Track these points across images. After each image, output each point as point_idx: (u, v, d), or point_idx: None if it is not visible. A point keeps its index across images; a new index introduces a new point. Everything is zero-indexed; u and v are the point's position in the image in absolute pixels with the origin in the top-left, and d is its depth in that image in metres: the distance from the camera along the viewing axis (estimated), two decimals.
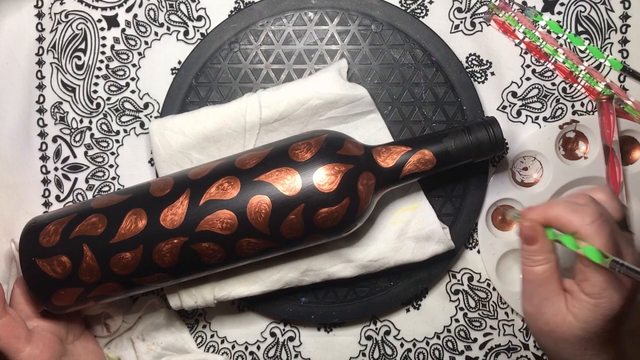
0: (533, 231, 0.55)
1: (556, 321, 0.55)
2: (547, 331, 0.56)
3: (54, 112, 0.75)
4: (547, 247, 0.55)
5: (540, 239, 0.55)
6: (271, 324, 0.77)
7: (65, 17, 0.75)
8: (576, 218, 0.52)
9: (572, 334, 0.54)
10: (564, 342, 0.55)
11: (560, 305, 0.55)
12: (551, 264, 0.55)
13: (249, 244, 0.63)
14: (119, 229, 0.62)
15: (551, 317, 0.55)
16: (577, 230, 0.52)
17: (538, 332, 0.57)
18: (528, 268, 0.56)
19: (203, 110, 0.71)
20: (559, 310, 0.55)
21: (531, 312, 0.57)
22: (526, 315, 0.58)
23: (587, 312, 0.53)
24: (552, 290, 0.55)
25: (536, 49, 0.74)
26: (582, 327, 0.53)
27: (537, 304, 0.56)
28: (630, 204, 0.73)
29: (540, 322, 0.56)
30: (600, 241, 0.51)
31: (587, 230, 0.52)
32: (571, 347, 0.55)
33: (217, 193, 0.62)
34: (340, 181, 0.62)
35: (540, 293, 0.56)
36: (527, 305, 0.57)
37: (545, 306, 0.55)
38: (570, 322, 0.54)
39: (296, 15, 0.74)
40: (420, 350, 0.76)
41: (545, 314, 0.55)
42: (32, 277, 0.63)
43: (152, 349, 0.75)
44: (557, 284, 0.55)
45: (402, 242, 0.71)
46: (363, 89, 0.70)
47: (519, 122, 0.74)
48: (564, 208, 0.53)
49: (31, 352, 0.64)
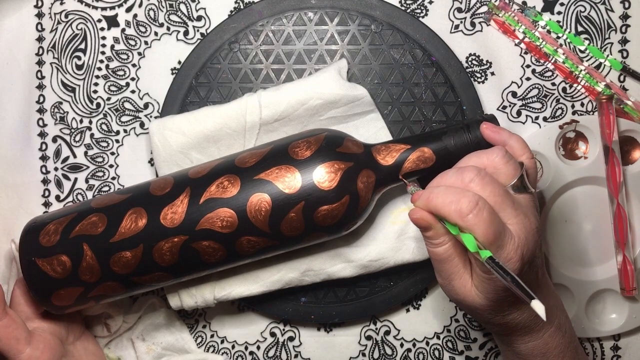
0: (423, 221, 0.56)
1: (464, 292, 0.57)
2: (459, 299, 0.58)
3: (54, 112, 0.76)
4: (442, 230, 0.56)
5: (432, 226, 0.56)
6: (271, 324, 0.77)
7: (65, 17, 0.75)
8: (453, 209, 0.53)
9: (478, 302, 0.57)
10: (475, 309, 0.58)
11: (466, 277, 0.57)
12: (450, 243, 0.57)
13: (249, 243, 0.63)
14: (119, 228, 0.62)
15: (459, 289, 0.58)
16: (456, 222, 0.53)
17: (453, 300, 0.60)
18: (430, 249, 0.58)
19: (203, 110, 0.71)
20: (465, 282, 0.57)
21: (443, 284, 0.59)
22: (440, 286, 0.60)
23: (485, 285, 0.56)
24: (456, 265, 0.57)
25: (536, 49, 0.74)
26: (484, 297, 0.56)
27: (446, 277, 0.58)
28: (630, 204, 0.73)
29: (451, 292, 0.59)
30: (478, 232, 0.53)
31: (464, 222, 0.53)
32: (483, 313, 0.58)
33: (217, 191, 0.62)
34: (340, 179, 0.62)
35: (446, 269, 0.58)
36: (438, 278, 0.60)
37: (453, 279, 0.58)
38: (475, 292, 0.57)
39: (296, 15, 0.74)
40: (420, 350, 0.76)
41: (454, 286, 0.58)
42: (32, 277, 0.63)
43: (152, 349, 0.75)
44: (459, 258, 0.58)
45: (402, 242, 0.71)
46: (363, 89, 0.70)
47: (519, 122, 0.74)
48: (442, 198, 0.55)
49: (31, 353, 0.64)
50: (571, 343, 0.62)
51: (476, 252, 0.52)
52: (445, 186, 0.56)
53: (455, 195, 0.54)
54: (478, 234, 0.52)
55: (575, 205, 0.74)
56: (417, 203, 0.57)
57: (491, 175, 0.56)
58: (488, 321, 0.59)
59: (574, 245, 0.75)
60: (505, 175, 0.57)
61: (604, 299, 0.75)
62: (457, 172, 0.57)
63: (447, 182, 0.57)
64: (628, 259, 0.73)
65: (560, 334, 0.61)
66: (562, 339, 0.61)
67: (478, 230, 0.52)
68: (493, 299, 0.56)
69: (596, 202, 0.74)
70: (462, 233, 0.53)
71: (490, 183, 0.55)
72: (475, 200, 0.53)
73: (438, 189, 0.56)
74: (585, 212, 0.74)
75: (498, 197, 0.55)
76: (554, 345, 0.60)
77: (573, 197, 0.74)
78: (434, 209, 0.55)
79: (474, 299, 0.57)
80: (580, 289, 0.74)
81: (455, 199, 0.53)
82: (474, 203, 0.53)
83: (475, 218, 0.52)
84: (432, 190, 0.56)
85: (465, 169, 0.56)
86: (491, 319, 0.59)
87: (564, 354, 0.61)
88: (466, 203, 0.53)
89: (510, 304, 0.57)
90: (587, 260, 0.75)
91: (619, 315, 0.75)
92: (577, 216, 0.74)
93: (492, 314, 0.58)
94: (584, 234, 0.75)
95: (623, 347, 0.76)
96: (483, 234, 0.52)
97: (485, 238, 0.52)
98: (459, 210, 0.53)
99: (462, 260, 0.58)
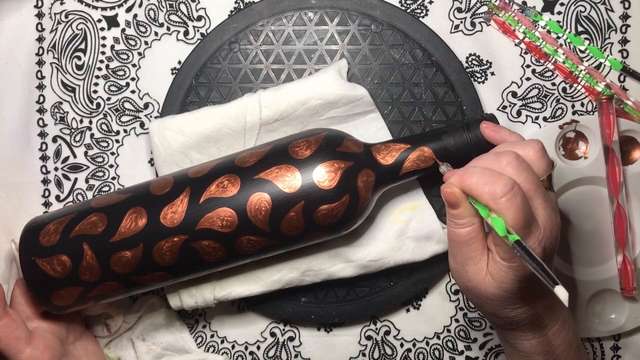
0: (454, 197, 0.56)
1: (477, 279, 0.57)
2: (470, 287, 0.58)
3: (54, 112, 0.76)
4: (469, 211, 0.56)
5: (462, 204, 0.56)
6: (271, 324, 0.77)
7: (65, 17, 0.75)
8: (487, 191, 0.53)
9: (490, 292, 0.56)
10: (485, 298, 0.57)
11: (482, 264, 0.57)
12: (475, 226, 0.56)
13: (249, 242, 0.63)
14: (119, 228, 0.62)
15: (473, 275, 0.57)
16: (487, 204, 0.53)
17: (463, 287, 0.59)
18: (452, 230, 0.57)
19: (203, 110, 0.71)
20: (480, 269, 0.57)
21: (456, 269, 0.59)
22: (452, 271, 0.59)
23: (502, 274, 0.55)
24: (475, 250, 0.57)
25: (536, 49, 0.74)
26: (498, 286, 0.56)
27: (461, 262, 0.57)
28: (630, 204, 0.73)
29: (463, 278, 0.58)
30: (509, 216, 0.52)
31: (497, 205, 0.52)
32: (491, 302, 0.57)
33: (217, 191, 0.62)
34: (340, 178, 0.62)
35: (464, 252, 0.57)
36: (452, 262, 0.59)
37: (468, 264, 0.57)
38: (489, 281, 0.56)
39: (296, 15, 0.74)
40: (420, 350, 0.76)
41: (467, 272, 0.57)
42: (32, 277, 0.63)
43: (152, 349, 0.75)
44: (480, 243, 0.57)
45: (402, 241, 0.71)
46: (363, 89, 0.70)
47: (519, 122, 0.74)
48: (477, 178, 0.54)
49: (31, 353, 0.64)
50: (574, 342, 0.62)
51: (505, 237, 0.52)
52: (481, 167, 0.55)
53: (491, 177, 0.53)
54: (509, 218, 0.52)
55: (575, 205, 0.74)
56: (451, 180, 0.56)
57: (527, 162, 0.56)
58: (494, 313, 0.59)
59: (574, 245, 0.75)
60: (538, 169, 0.57)
61: (604, 299, 0.75)
62: (494, 155, 0.56)
63: (484, 164, 0.56)
64: (628, 259, 0.73)
65: (564, 332, 0.61)
66: (566, 337, 0.61)
67: (509, 214, 0.52)
68: (507, 289, 0.56)
69: (596, 202, 0.74)
70: (492, 216, 0.53)
71: (526, 170, 0.55)
72: (511, 184, 0.53)
73: (474, 168, 0.55)
74: (585, 212, 0.74)
75: (532, 184, 0.55)
76: (557, 343, 0.60)
77: (573, 197, 0.74)
78: (467, 187, 0.55)
79: (487, 287, 0.56)
80: (580, 289, 0.74)
81: (491, 181, 0.53)
82: (509, 187, 0.52)
83: (508, 202, 0.52)
84: (468, 169, 0.55)
85: (503, 153, 0.56)
86: (498, 310, 0.58)
87: (567, 352, 0.61)
88: (501, 186, 0.52)
89: (522, 297, 0.57)
90: (587, 260, 0.75)
91: (619, 315, 0.75)
92: (577, 216, 0.74)
93: (501, 306, 0.57)
94: (584, 234, 0.75)
95: (623, 347, 0.76)
96: (514, 219, 0.52)
97: (515, 223, 0.52)
98: (493, 192, 0.52)
99: (481, 245, 0.57)
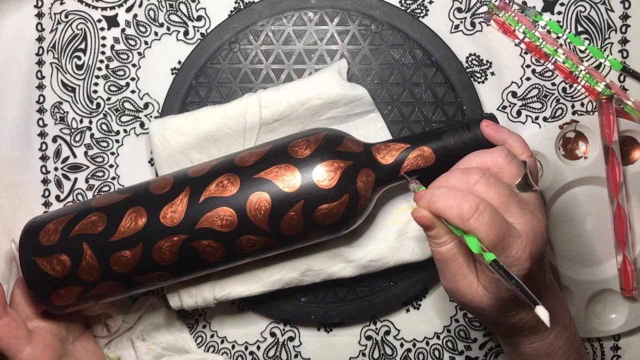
0: (426, 220, 0.56)
1: (470, 293, 0.57)
2: (466, 302, 0.58)
3: (54, 112, 0.76)
4: (445, 229, 0.56)
5: (436, 225, 0.56)
6: (271, 324, 0.77)
7: (65, 17, 0.75)
8: (454, 214, 0.53)
9: (486, 303, 0.56)
10: (482, 309, 0.57)
11: (471, 278, 0.57)
12: (454, 242, 0.57)
13: (248, 242, 0.63)
14: (119, 227, 0.62)
15: (465, 290, 0.57)
16: (457, 225, 0.53)
17: (459, 303, 0.59)
18: (434, 249, 0.57)
19: (203, 110, 0.71)
20: (471, 282, 0.57)
21: (448, 287, 0.58)
22: (446, 290, 0.59)
23: (494, 285, 0.55)
24: (461, 265, 0.57)
25: (536, 49, 0.74)
26: (492, 297, 0.56)
27: (451, 279, 0.57)
28: (631, 204, 0.73)
29: (457, 294, 0.58)
30: (481, 234, 0.52)
31: (466, 226, 0.53)
32: (490, 313, 0.57)
33: (217, 190, 0.62)
34: (340, 178, 0.62)
35: (451, 269, 0.57)
36: (443, 281, 0.59)
37: (458, 281, 0.57)
38: (483, 292, 0.56)
39: (296, 15, 0.74)
40: (420, 350, 0.76)
41: (459, 288, 0.57)
42: (32, 276, 0.63)
43: (152, 349, 0.75)
44: (464, 258, 0.57)
45: (402, 242, 0.71)
46: (363, 89, 0.70)
47: (519, 122, 0.74)
48: (443, 201, 0.54)
49: (31, 352, 0.64)
50: (575, 343, 0.62)
51: (480, 255, 0.52)
52: (447, 188, 0.55)
53: (456, 199, 0.54)
54: (481, 237, 0.52)
55: (575, 206, 0.74)
56: (419, 203, 0.56)
57: (496, 175, 0.56)
58: (495, 322, 0.59)
59: (574, 245, 0.75)
60: (510, 174, 0.57)
61: (604, 299, 0.75)
62: (461, 174, 0.56)
63: (452, 183, 0.56)
64: (628, 259, 0.73)
65: (565, 333, 0.61)
66: (567, 339, 0.61)
67: (480, 233, 0.52)
68: (502, 299, 0.56)
69: (596, 202, 0.74)
70: (466, 236, 0.53)
71: (495, 184, 0.55)
72: (476, 203, 0.53)
73: (440, 190, 0.55)
74: (585, 212, 0.74)
75: (504, 197, 0.55)
76: (559, 345, 0.60)
77: (573, 197, 0.74)
78: (435, 211, 0.55)
79: (481, 299, 0.56)
80: (580, 289, 0.74)
81: (457, 203, 0.53)
82: (474, 207, 0.52)
83: (476, 222, 0.52)
84: (434, 192, 0.56)
85: (470, 171, 0.56)
86: (498, 319, 0.58)
87: (569, 353, 0.61)
88: (467, 208, 0.53)
89: (518, 303, 0.57)
90: (587, 260, 0.75)
91: (619, 315, 0.75)
92: (577, 216, 0.74)
93: (499, 314, 0.57)
94: (584, 234, 0.75)
95: (623, 347, 0.76)
96: (486, 237, 0.52)
97: (488, 241, 0.52)
98: (460, 214, 0.53)
99: (466, 260, 0.57)
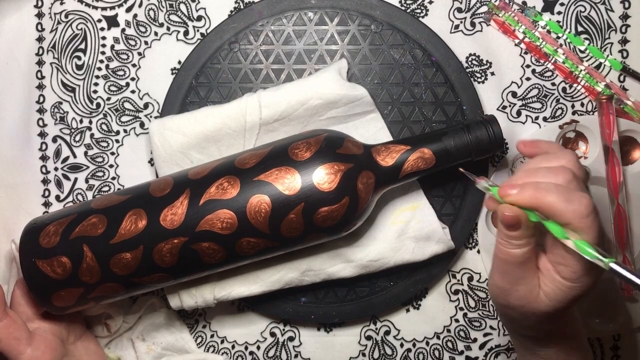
0: (516, 219, 0.53)
1: (528, 297, 0.55)
2: (516, 305, 0.56)
3: (54, 112, 0.76)
4: (528, 232, 0.54)
5: (523, 224, 0.53)
6: (271, 324, 0.77)
7: (65, 17, 0.75)
8: (572, 209, 0.51)
9: (541, 310, 0.55)
10: (532, 314, 0.56)
11: (534, 283, 0.55)
12: (531, 246, 0.55)
13: (249, 244, 0.63)
14: (119, 230, 0.62)
15: (524, 294, 0.55)
16: (570, 222, 0.51)
17: (506, 305, 0.57)
18: (506, 250, 0.55)
19: (203, 110, 0.71)
20: (533, 288, 0.55)
21: (503, 288, 0.56)
22: (496, 289, 0.57)
23: (561, 293, 0.54)
24: (529, 270, 0.55)
25: (536, 49, 0.74)
26: (552, 305, 0.54)
27: (512, 282, 0.55)
28: (631, 204, 0.73)
29: (511, 297, 0.56)
30: (592, 235, 0.51)
31: (581, 224, 0.51)
32: (537, 319, 0.56)
33: (217, 193, 0.62)
34: (340, 180, 0.62)
35: (516, 273, 0.55)
36: (499, 281, 0.56)
37: (519, 284, 0.55)
38: (542, 299, 0.55)
39: (296, 15, 0.74)
40: (420, 350, 0.76)
41: (518, 291, 0.55)
42: (32, 278, 0.63)
43: (152, 349, 0.75)
44: (533, 263, 0.55)
45: (402, 242, 0.71)
46: (363, 89, 0.70)
47: (519, 122, 0.74)
48: (557, 197, 0.51)
49: (32, 353, 0.64)
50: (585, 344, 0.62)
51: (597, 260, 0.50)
52: (552, 184, 0.53)
53: (568, 194, 0.51)
54: (591, 237, 0.50)
55: None
56: (517, 198, 0.53)
57: None
58: (532, 326, 0.58)
59: None
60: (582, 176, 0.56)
61: (604, 298, 0.75)
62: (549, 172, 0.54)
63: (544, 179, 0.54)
64: (628, 259, 0.73)
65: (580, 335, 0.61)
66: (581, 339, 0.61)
67: (592, 234, 0.51)
68: (561, 308, 0.54)
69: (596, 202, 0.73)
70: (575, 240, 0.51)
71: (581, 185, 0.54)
72: (593, 204, 0.51)
73: (546, 185, 0.52)
74: None
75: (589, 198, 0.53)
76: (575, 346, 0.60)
77: None
78: (545, 206, 0.52)
79: (538, 305, 0.55)
80: None
81: (571, 198, 0.51)
82: (592, 206, 0.51)
83: (592, 221, 0.51)
84: (537, 186, 0.53)
85: (561, 170, 0.54)
86: (538, 324, 0.57)
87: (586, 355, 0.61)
88: (585, 204, 0.51)
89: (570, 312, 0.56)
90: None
91: (619, 315, 0.75)
92: None
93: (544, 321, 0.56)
94: None
95: (623, 347, 0.76)
96: (596, 238, 0.51)
97: (595, 242, 0.51)
98: (579, 210, 0.51)
99: (535, 265, 0.55)
